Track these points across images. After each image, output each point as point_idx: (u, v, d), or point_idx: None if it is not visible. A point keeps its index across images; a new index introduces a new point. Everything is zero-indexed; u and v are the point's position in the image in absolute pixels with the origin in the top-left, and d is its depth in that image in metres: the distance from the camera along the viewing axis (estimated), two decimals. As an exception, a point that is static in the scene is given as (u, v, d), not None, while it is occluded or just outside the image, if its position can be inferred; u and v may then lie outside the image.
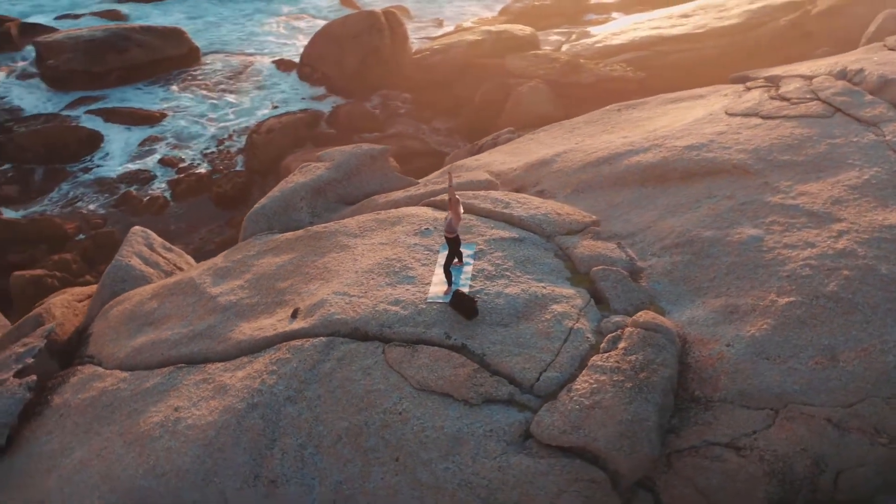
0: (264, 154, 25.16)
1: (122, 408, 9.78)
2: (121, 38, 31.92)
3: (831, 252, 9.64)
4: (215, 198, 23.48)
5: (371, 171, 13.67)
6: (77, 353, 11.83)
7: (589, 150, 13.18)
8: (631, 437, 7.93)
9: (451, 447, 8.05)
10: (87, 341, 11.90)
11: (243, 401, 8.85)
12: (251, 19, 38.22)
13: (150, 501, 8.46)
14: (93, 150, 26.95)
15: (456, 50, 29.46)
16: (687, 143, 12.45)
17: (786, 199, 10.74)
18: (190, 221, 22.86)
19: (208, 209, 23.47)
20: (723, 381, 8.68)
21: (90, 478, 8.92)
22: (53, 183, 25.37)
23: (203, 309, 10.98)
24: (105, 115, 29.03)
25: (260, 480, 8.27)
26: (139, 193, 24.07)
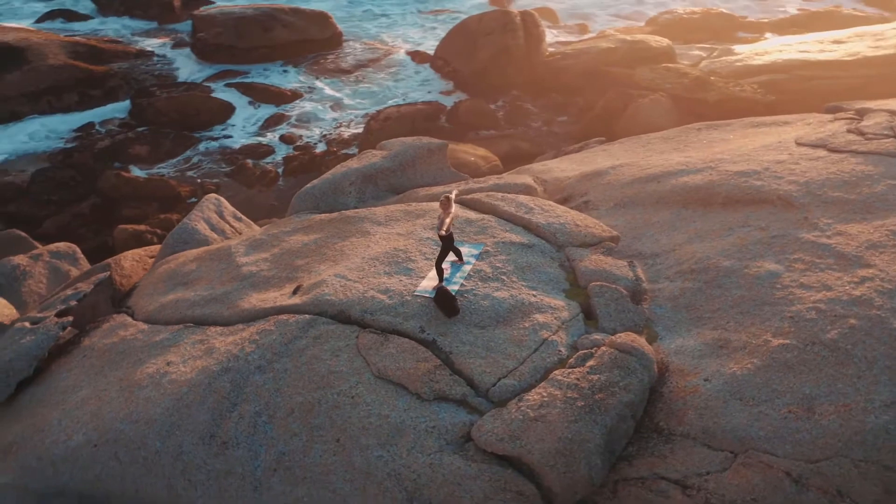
0: (377, 141, 25.86)
1: (131, 356, 10.55)
2: (268, 18, 33.82)
3: (845, 298, 9.05)
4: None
5: (427, 164, 13.96)
6: (121, 302, 12.83)
7: (644, 166, 12.90)
8: (567, 455, 7.83)
9: (390, 437, 8.23)
10: (131, 293, 12.89)
11: (220, 364, 9.39)
12: (398, 10, 39.33)
13: (121, 443, 9.13)
14: (223, 121, 28.75)
15: (587, 56, 29.28)
16: (740, 168, 11.95)
17: (820, 238, 10.15)
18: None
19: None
20: (689, 415, 8.38)
21: (84, 415, 9.71)
22: (181, 148, 27.28)
23: (227, 276, 11.65)
24: (242, 89, 30.88)
25: (214, 440, 8.75)
26: (254, 166, 25.43)
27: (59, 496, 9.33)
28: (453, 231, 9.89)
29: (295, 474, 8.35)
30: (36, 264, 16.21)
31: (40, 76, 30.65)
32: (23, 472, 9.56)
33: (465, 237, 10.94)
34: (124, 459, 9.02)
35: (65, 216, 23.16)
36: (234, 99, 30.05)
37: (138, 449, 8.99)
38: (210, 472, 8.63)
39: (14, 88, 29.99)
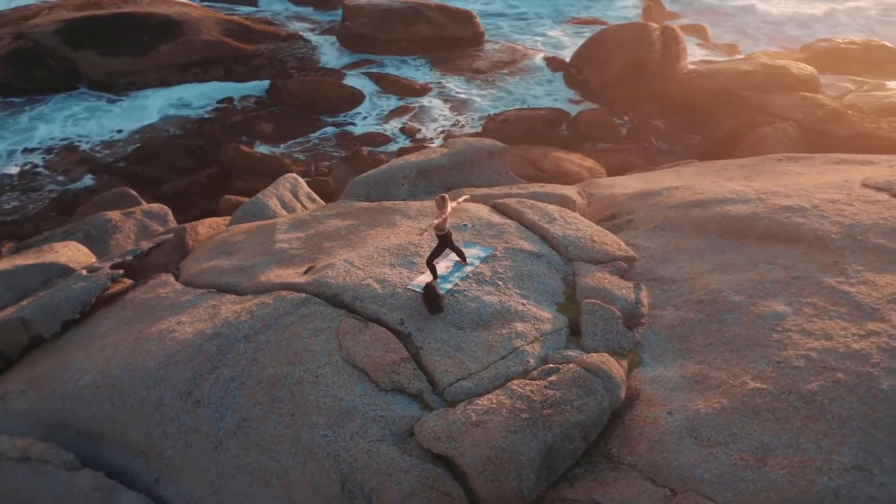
0: (490, 142, 26.21)
1: (156, 313, 11.40)
2: (413, 12, 34.83)
3: (842, 350, 8.56)
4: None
5: (485, 165, 14.14)
6: (177, 264, 13.80)
7: (698, 191, 12.55)
8: (497, 464, 7.88)
9: (339, 419, 8.55)
10: (185, 256, 13.84)
11: (214, 328, 10.02)
12: (547, 17, 39.35)
13: (116, 388, 9.94)
14: (350, 108, 29.91)
15: (722, 77, 28.37)
16: (789, 203, 11.42)
17: (842, 284, 9.60)
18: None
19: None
20: (641, 446, 8.22)
21: (98, 359, 10.62)
22: (305, 129, 28.63)
23: (262, 250, 12.32)
24: (375, 79, 32.00)
25: (190, 397, 9.38)
26: (368, 154, 26.34)
27: (62, 429, 10.22)
28: (451, 230, 10.02)
29: (250, 440, 8.83)
30: (127, 221, 17.60)
31: (192, 49, 32.95)
32: (39, 401, 10.54)
33: (480, 239, 11.07)
34: (116, 403, 9.79)
35: (183, 182, 24.87)
36: (365, 87, 31.19)
37: (128, 395, 9.74)
38: (181, 426, 9.25)
39: (167, 59, 32.42)
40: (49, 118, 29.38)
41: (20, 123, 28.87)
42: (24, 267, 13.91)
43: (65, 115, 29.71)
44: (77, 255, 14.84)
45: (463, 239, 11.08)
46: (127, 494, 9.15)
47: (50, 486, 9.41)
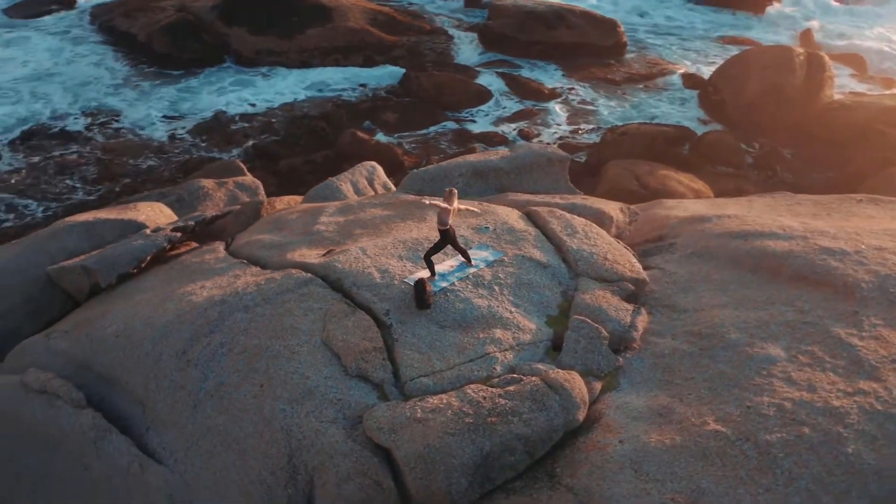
0: (605, 154, 25.98)
1: (193, 276, 12.15)
2: (556, 16, 34.77)
3: (819, 405, 8.09)
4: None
5: (544, 172, 14.10)
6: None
7: (745, 221, 12.04)
8: (429, 463, 8.00)
9: (300, 396, 8.90)
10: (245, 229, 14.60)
11: (223, 296, 10.62)
12: (696, 34, 38.16)
13: (131, 339, 10.72)
14: (475, 105, 30.28)
15: (864, 111, 26.69)
16: (832, 245, 10.78)
17: (850, 336, 9.02)
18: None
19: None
20: (583, 471, 8.10)
21: (129, 312, 11.47)
22: (427, 122, 29.27)
23: (303, 229, 12.86)
24: (506, 79, 32.24)
25: (184, 356, 9.99)
26: (481, 152, 26.58)
27: (86, 370, 11.10)
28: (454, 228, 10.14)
29: (223, 404, 9.34)
30: (219, 190, 18.69)
31: (337, 35, 34.32)
32: (75, 343, 11.49)
33: (496, 244, 11.12)
34: (127, 353, 10.56)
35: (299, 160, 26.03)
36: (494, 87, 31.47)
37: (137, 347, 10.49)
38: (171, 383, 9.88)
39: (312, 42, 33.91)
40: (197, 89, 31.41)
41: (171, 92, 31.03)
42: (104, 220, 15.08)
43: (212, 87, 31.69)
44: (156, 216, 15.91)
45: (480, 241, 11.15)
46: (116, 438, 9.83)
47: (59, 419, 10.24)
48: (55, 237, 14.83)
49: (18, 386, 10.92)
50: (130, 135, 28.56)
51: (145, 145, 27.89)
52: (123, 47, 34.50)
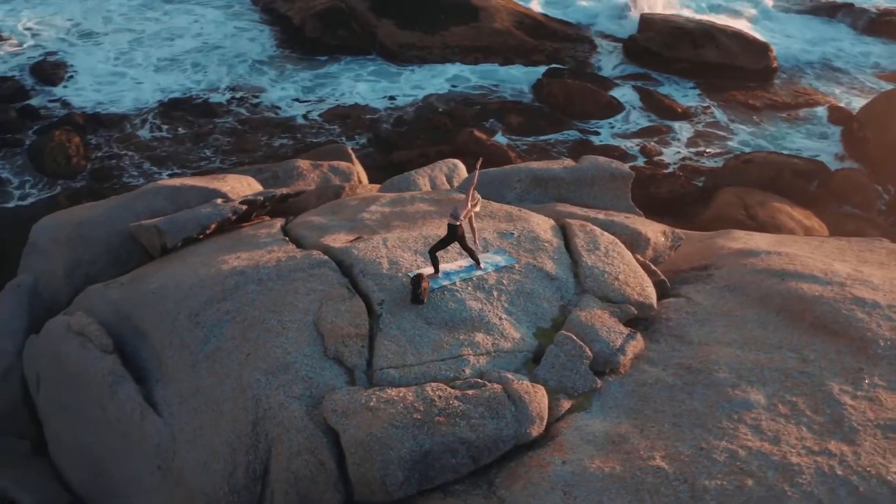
0: (724, 180, 25.09)
1: (240, 247, 12.78)
2: (705, 35, 33.63)
3: (776, 459, 7.66)
4: (651, 196, 24.52)
5: (605, 188, 13.85)
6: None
7: (792, 260, 11.41)
8: (368, 451, 8.21)
9: (277, 369, 9.30)
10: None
11: (245, 267, 11.19)
12: (854, 66, 35.77)
13: (161, 297, 11.49)
14: (603, 117, 29.87)
15: None
16: (866, 295, 10.08)
17: (842, 394, 8.47)
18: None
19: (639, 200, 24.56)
20: (519, 485, 8.09)
21: (174, 272, 12.27)
22: (550, 129, 29.18)
23: (351, 216, 13.24)
24: (641, 94, 31.63)
25: (195, 318, 10.65)
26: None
27: (126, 321, 11.98)
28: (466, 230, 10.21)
29: (214, 367, 9.90)
30: (313, 171, 19.42)
31: (480, 35, 34.70)
32: (124, 294, 12.43)
33: (514, 250, 11.08)
34: (156, 309, 11.35)
35: (413, 153, 26.60)
36: (627, 100, 30.88)
37: (163, 305, 11.24)
38: (180, 341, 10.55)
39: (455, 39, 34.46)
40: (337, 76, 32.63)
41: (312, 76, 32.42)
42: (190, 187, 16.05)
43: (351, 74, 32.83)
44: (242, 188, 16.75)
45: (500, 246, 11.15)
46: (127, 385, 10.60)
47: (87, 360, 11.14)
48: (143, 197, 15.91)
49: (65, 325, 11.86)
50: (268, 112, 30.02)
51: (280, 123, 29.24)
52: (278, 28, 36.26)
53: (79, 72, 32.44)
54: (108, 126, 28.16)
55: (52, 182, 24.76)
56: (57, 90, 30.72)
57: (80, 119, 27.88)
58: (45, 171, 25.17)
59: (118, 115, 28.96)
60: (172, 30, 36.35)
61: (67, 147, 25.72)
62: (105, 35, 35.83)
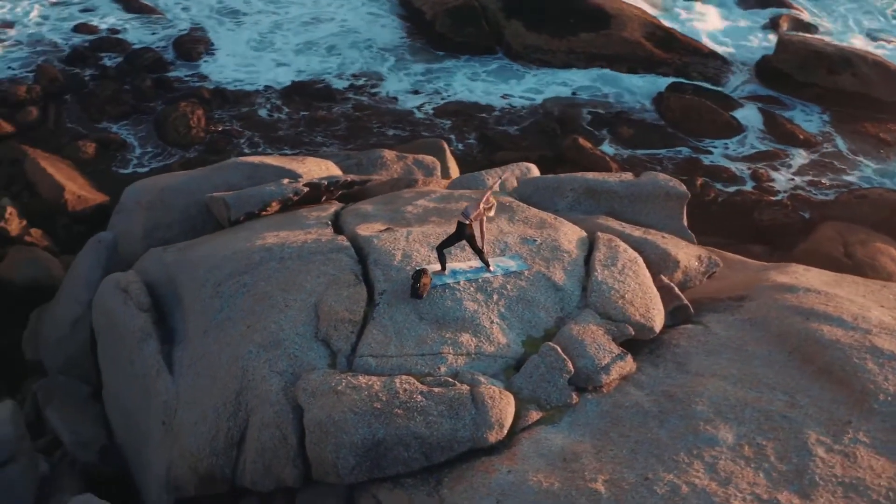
0: (832, 214, 23.72)
1: (285, 225, 13.28)
2: (842, 61, 31.72)
3: (717, 500, 7.41)
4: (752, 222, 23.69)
5: (658, 206, 13.47)
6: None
7: (827, 300, 10.79)
8: (324, 432, 8.52)
9: (269, 344, 9.74)
10: (374, 201, 15.47)
11: (272, 245, 11.69)
12: None
13: (196, 265, 12.15)
14: (719, 137, 28.81)
15: None
16: (886, 346, 9.46)
17: (817, 446, 8.06)
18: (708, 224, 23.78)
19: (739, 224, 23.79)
20: (461, 487, 8.23)
21: (218, 244, 12.85)
22: (660, 144, 28.34)
23: (397, 207, 13.48)
24: (766, 116, 30.24)
25: (218, 289, 11.25)
26: (704, 185, 25.44)
27: (170, 283, 12.66)
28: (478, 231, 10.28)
29: (220, 335, 10.45)
30: (398, 162, 19.84)
31: (608, 43, 34.16)
32: (174, 259, 13.19)
33: (531, 258, 11.02)
34: (191, 276, 12.08)
35: (516, 155, 26.53)
36: (749, 121, 29.63)
37: (195, 271, 11.94)
38: (201, 307, 11.18)
39: (582, 45, 34.07)
40: (455, 73, 32.94)
41: (432, 70, 32.91)
42: (267, 165, 16.79)
43: (470, 72, 33.07)
44: (317, 171, 17.33)
45: (517, 251, 11.12)
46: (152, 343, 11.32)
47: (125, 316, 11.95)
48: (223, 170, 16.76)
49: (115, 282, 12.68)
50: (385, 102, 30.68)
51: (394, 114, 29.85)
52: (411, 22, 36.91)
53: (218, 49, 34.07)
54: (232, 103, 29.48)
55: (170, 151, 26.19)
56: (194, 65, 32.37)
57: (206, 93, 29.26)
58: (166, 139, 26.67)
59: (243, 92, 30.27)
60: (314, 13, 37.49)
61: (189, 118, 27.15)
62: (248, 15, 37.42)
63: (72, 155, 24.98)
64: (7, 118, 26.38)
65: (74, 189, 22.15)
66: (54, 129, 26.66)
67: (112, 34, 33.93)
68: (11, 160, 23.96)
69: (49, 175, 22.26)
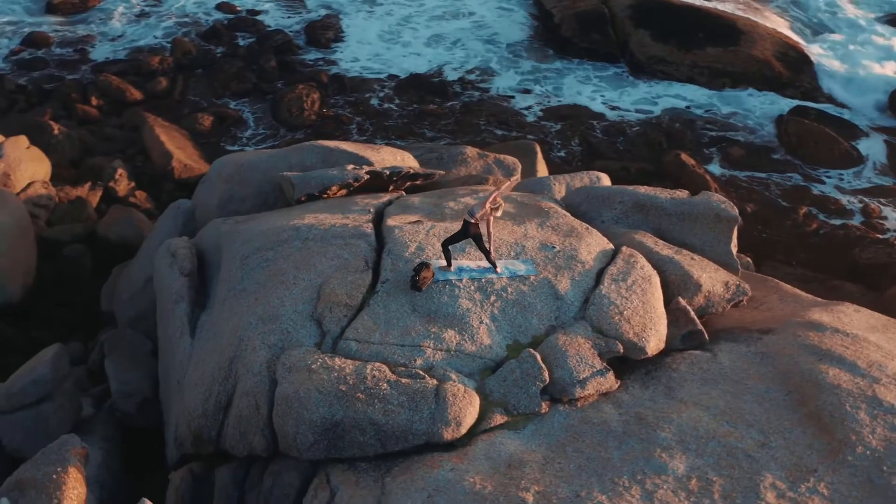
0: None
1: (331, 208, 13.61)
2: None
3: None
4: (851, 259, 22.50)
5: (708, 228, 12.94)
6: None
7: (850, 343, 10.11)
8: (288, 406, 8.87)
9: (267, 317, 10.17)
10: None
11: (301, 226, 12.03)
12: None
13: (235, 238, 12.63)
14: (834, 167, 27.31)
15: None
16: (888, 398, 8.83)
17: (769, 491, 7.71)
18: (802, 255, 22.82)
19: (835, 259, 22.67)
20: (402, 479, 8.35)
21: (260, 221, 13.33)
22: (770, 167, 27.12)
23: (440, 202, 13.61)
24: (888, 148, 28.47)
25: (243, 261, 11.71)
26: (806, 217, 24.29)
27: (216, 252, 13.26)
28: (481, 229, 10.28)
29: (233, 304, 11.01)
30: (478, 160, 19.92)
31: (735, 60, 32.86)
32: (230, 230, 13.74)
33: (543, 263, 10.90)
34: (229, 245, 12.60)
35: (615, 165, 26.08)
36: (871, 154, 27.88)
37: (234, 243, 12.48)
38: (227, 277, 11.81)
39: (708, 60, 32.87)
40: (568, 76, 32.63)
41: (547, 72, 32.76)
42: (342, 150, 17.26)
43: (583, 77, 32.66)
44: (390, 160, 17.64)
45: (531, 256, 11.03)
46: (183, 305, 12.02)
47: (168, 278, 12.66)
48: (300, 151, 17.36)
49: (168, 245, 13.41)
50: (496, 100, 30.73)
51: (502, 112, 29.85)
52: (540, 22, 36.75)
53: (348, 36, 34.98)
54: (349, 89, 30.26)
55: (281, 132, 27.21)
56: (321, 50, 33.39)
57: (325, 78, 30.16)
58: (278, 119, 27.77)
59: (361, 80, 31.02)
60: (449, 6, 37.81)
61: (304, 101, 28.14)
62: (382, 5, 38.16)
63: (189, 126, 26.43)
64: (138, 86, 28.17)
65: (182, 158, 23.42)
66: (178, 100, 28.26)
67: (251, 15, 35.46)
68: (133, 126, 25.60)
69: (161, 142, 23.63)
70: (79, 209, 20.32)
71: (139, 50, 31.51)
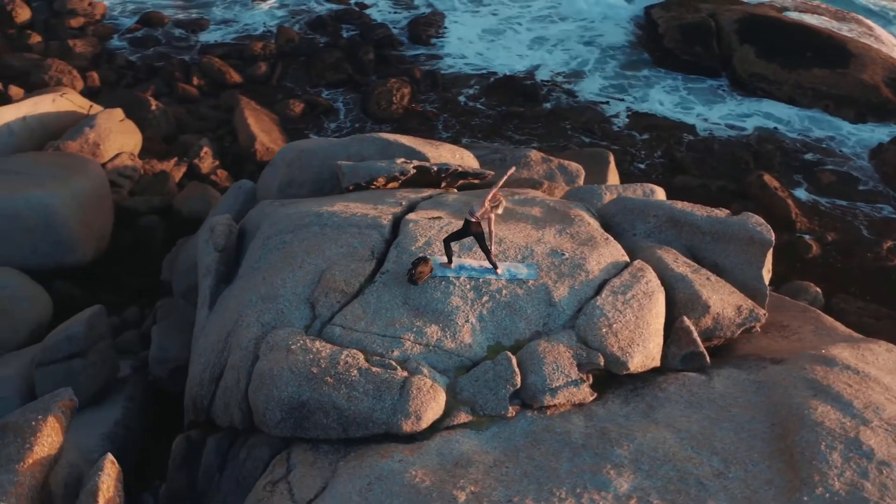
0: None
1: (366, 198, 13.82)
2: None
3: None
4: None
5: (740, 250, 12.41)
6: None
7: (854, 382, 9.50)
8: (261, 382, 9.18)
9: (267, 297, 10.50)
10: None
11: (324, 212, 12.28)
12: None
13: (266, 219, 12.99)
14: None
15: None
16: (870, 442, 8.27)
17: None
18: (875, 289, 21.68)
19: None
20: (350, 464, 8.48)
21: (298, 206, 13.66)
22: (859, 197, 25.81)
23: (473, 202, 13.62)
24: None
25: (267, 241, 12.07)
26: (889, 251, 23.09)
27: (254, 231, 13.65)
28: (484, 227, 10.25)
29: (245, 281, 11.45)
30: (540, 165, 19.71)
31: (841, 83, 31.29)
32: (273, 211, 14.15)
33: (546, 269, 10.76)
34: (260, 227, 12.86)
35: (695, 182, 25.31)
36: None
37: (264, 223, 12.79)
38: (250, 256, 12.16)
39: (813, 81, 31.36)
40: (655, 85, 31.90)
41: (638, 82, 32.14)
42: (399, 143, 17.47)
43: (686, 91, 31.87)
44: (447, 157, 17.74)
45: (537, 261, 10.92)
46: (209, 279, 12.48)
47: (203, 252, 13.17)
48: (359, 141, 17.68)
49: (211, 221, 13.88)
50: (584, 106, 30.28)
51: (589, 119, 29.40)
52: (644, 31, 36.12)
53: (450, 33, 35.23)
54: (440, 86, 30.45)
55: (367, 124, 27.68)
56: (421, 46, 33.75)
57: (418, 74, 30.42)
58: (367, 111, 28.27)
59: (453, 77, 31.18)
60: (555, 9, 37.61)
61: (394, 94, 28.54)
62: (489, 5, 38.25)
63: (280, 111, 27.26)
64: (239, 69, 29.23)
65: (266, 141, 24.17)
66: (275, 85, 29.17)
67: (359, 8, 36.16)
68: (228, 107, 26.58)
69: (248, 125, 24.45)
70: (161, 182, 21.29)
71: (247, 35, 32.68)
